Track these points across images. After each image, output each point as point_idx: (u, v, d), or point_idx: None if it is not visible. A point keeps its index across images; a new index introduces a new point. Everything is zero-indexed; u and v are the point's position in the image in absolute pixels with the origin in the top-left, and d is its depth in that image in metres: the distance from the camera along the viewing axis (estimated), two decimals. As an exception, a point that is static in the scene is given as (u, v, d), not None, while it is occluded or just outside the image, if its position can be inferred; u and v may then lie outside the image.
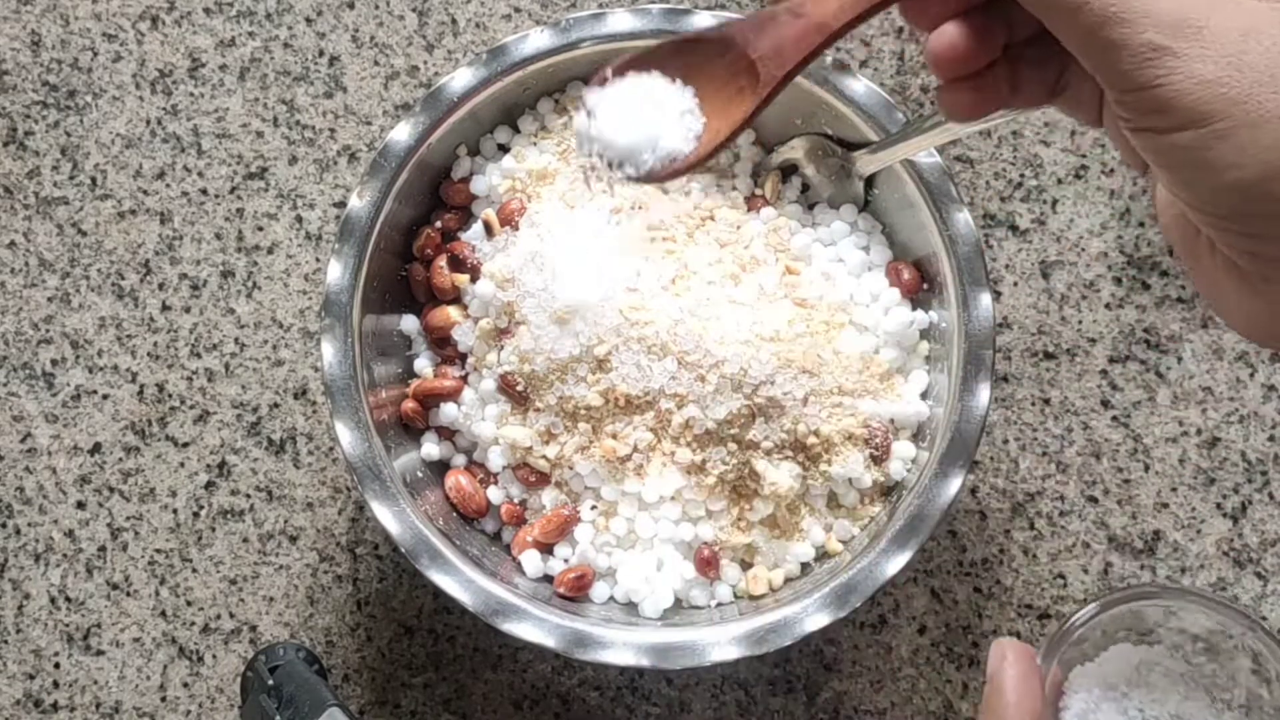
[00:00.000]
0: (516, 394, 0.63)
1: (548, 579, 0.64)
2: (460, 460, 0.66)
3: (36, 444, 0.72)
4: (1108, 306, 0.72)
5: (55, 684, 0.70)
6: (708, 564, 0.62)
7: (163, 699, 0.69)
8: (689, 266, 0.64)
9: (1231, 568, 0.69)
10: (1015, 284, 0.72)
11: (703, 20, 0.65)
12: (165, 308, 0.74)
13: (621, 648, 0.58)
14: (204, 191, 0.75)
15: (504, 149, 0.68)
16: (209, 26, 0.77)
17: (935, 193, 0.63)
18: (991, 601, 0.69)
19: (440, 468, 0.66)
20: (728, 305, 0.63)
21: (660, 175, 0.49)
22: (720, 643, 0.58)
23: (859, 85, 0.64)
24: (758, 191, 0.69)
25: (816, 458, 0.62)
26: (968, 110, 0.44)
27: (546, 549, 0.64)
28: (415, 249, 0.67)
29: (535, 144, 0.67)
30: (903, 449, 0.63)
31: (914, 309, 0.65)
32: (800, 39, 0.45)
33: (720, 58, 0.48)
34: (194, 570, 0.71)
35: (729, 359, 0.60)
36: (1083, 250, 0.73)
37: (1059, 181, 0.74)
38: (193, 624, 0.70)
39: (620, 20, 0.65)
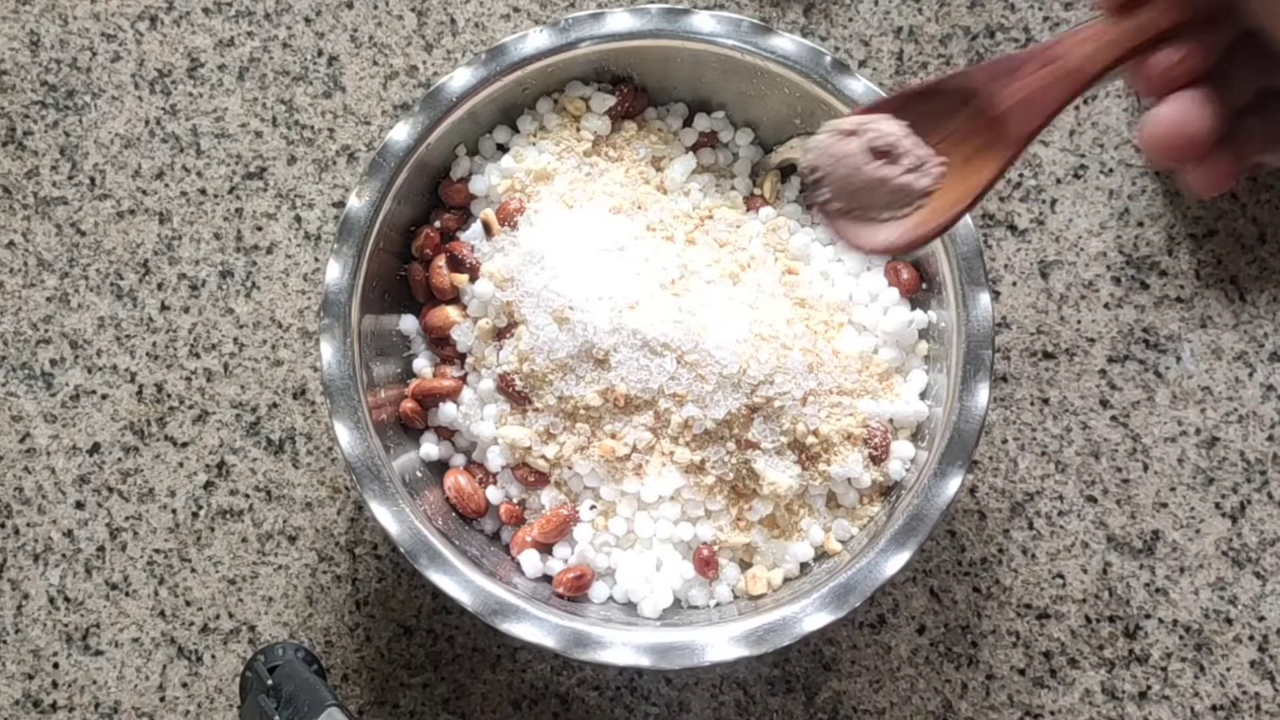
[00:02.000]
0: (515, 394, 0.63)
1: (547, 579, 0.64)
2: (459, 460, 0.66)
3: (35, 444, 0.72)
4: (1106, 306, 0.72)
5: (54, 684, 0.70)
6: (707, 564, 0.62)
7: (161, 699, 0.70)
8: (688, 266, 0.64)
9: (1230, 567, 0.69)
10: (1014, 284, 0.73)
11: (703, 20, 0.65)
12: (164, 308, 0.74)
13: (620, 647, 0.58)
14: (203, 191, 0.75)
15: (503, 149, 0.68)
16: (208, 26, 0.77)
17: (934, 192, 0.63)
18: (990, 601, 0.69)
19: (439, 468, 0.66)
20: (727, 305, 0.63)
21: (898, 245, 0.45)
22: (719, 642, 0.58)
23: (858, 85, 0.64)
24: (756, 191, 0.69)
25: (815, 457, 0.62)
26: (1209, 189, 0.41)
27: (545, 549, 0.64)
28: (414, 249, 0.68)
29: (534, 144, 0.67)
30: (901, 449, 0.63)
31: (913, 309, 0.65)
32: (1051, 88, 0.41)
33: (957, 111, 0.44)
34: (193, 570, 0.71)
35: (728, 359, 0.60)
36: (1081, 250, 0.73)
37: (1058, 181, 0.74)
38: (192, 624, 0.70)
39: (619, 20, 0.65)
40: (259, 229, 0.75)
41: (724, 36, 0.65)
